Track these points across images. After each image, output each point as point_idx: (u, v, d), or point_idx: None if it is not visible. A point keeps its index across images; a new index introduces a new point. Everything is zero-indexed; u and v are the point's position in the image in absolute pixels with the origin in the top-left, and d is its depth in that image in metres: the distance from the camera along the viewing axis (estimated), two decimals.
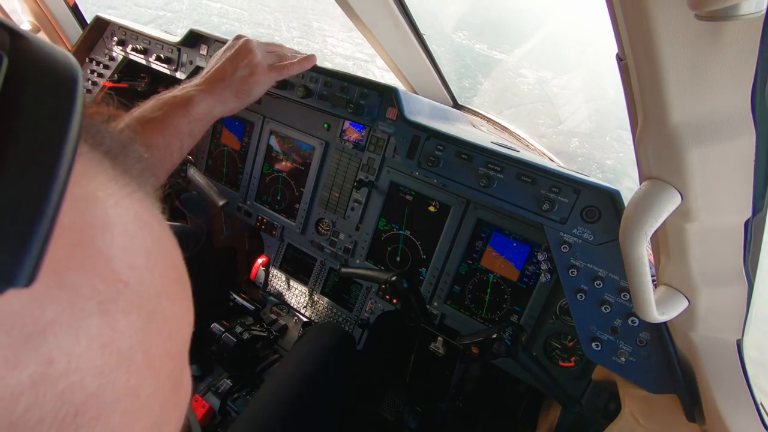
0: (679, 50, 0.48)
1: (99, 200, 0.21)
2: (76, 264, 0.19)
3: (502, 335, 1.16)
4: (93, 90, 1.96)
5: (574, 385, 1.47)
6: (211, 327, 1.64)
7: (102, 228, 0.21)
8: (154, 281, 0.23)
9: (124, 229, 0.22)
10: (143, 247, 0.23)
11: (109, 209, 0.21)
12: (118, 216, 0.22)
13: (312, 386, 1.38)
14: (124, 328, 0.20)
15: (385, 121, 1.46)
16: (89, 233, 0.20)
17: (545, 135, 13.49)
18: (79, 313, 0.18)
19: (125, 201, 0.23)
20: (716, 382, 0.94)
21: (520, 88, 20.95)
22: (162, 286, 0.24)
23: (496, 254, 1.58)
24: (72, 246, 0.19)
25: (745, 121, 0.52)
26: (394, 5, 1.50)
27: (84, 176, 0.21)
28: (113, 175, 0.23)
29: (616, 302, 1.14)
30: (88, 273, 0.19)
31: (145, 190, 0.26)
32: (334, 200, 1.87)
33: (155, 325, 0.22)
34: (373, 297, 1.86)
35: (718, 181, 0.60)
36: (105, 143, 0.24)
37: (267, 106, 2.00)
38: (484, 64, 23.09)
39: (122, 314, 0.20)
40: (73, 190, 0.19)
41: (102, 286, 0.19)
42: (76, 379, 0.18)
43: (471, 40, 26.58)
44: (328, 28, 19.13)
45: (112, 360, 0.20)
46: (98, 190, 0.21)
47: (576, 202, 1.17)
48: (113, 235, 0.21)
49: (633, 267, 0.69)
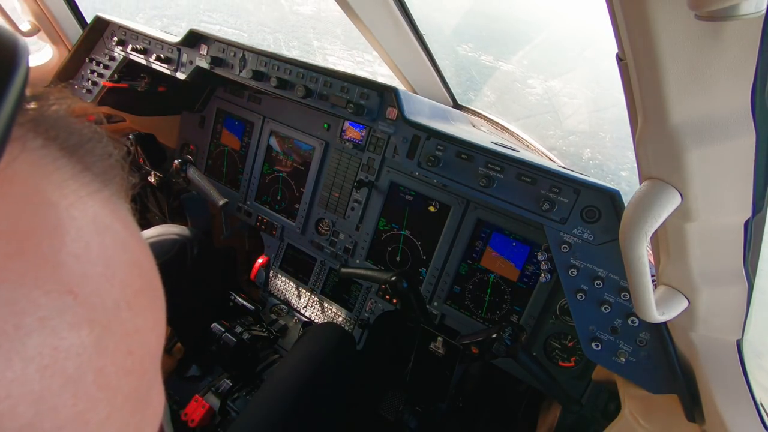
0: (679, 50, 0.48)
1: (49, 202, 0.19)
2: (12, 275, 0.17)
3: (502, 335, 1.16)
4: (93, 90, 1.96)
5: (574, 385, 1.47)
6: (211, 327, 1.64)
7: (50, 233, 0.18)
8: (113, 291, 0.21)
9: (77, 235, 0.20)
10: (101, 253, 0.21)
11: (62, 212, 0.19)
12: (71, 219, 0.20)
13: (312, 386, 1.38)
14: (70, 345, 0.18)
15: (385, 121, 1.46)
16: (32, 240, 0.18)
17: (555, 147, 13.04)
18: (14, 332, 0.16)
19: (83, 202, 0.21)
20: (716, 382, 0.94)
21: (528, 99, 20.52)
22: (122, 296, 0.21)
23: (496, 254, 1.58)
24: (8, 255, 0.17)
25: (745, 121, 0.52)
26: (394, 5, 1.50)
27: (32, 174, 0.19)
28: (71, 174, 0.21)
29: (616, 302, 1.14)
30: (27, 285, 0.17)
31: (111, 189, 0.24)
32: (334, 200, 1.87)
33: (111, 341, 0.20)
34: (373, 297, 1.86)
35: (718, 181, 0.60)
36: (61, 137, 0.22)
37: (267, 106, 2.00)
38: (491, 76, 22.82)
39: (69, 330, 0.18)
40: (14, 190, 0.18)
41: (44, 300, 0.17)
42: (5, 408, 0.16)
43: (476, 52, 26.27)
44: (329, 46, 19.01)
45: (55, 383, 0.17)
46: (49, 190, 0.19)
47: (576, 202, 1.17)
48: (63, 242, 0.19)
49: (633, 267, 0.69)
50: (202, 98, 2.15)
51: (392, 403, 1.75)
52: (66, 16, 2.07)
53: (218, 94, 2.13)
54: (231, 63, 1.65)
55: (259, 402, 1.32)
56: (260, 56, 1.58)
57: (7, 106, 0.16)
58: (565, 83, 24.33)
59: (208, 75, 1.74)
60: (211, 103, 2.15)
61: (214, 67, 1.66)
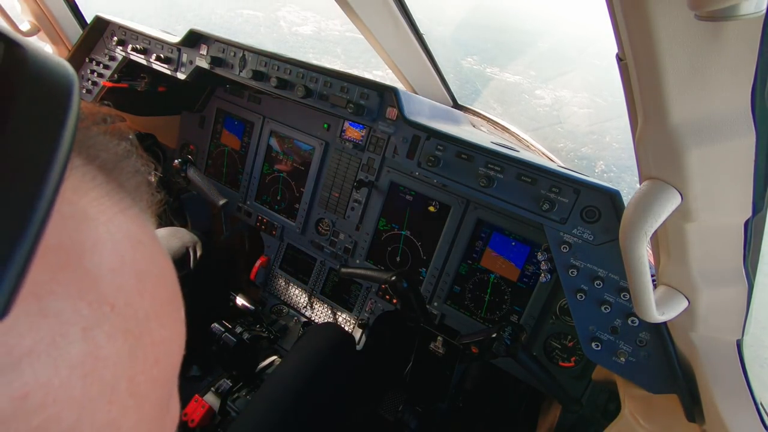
0: (679, 50, 0.48)
1: (89, 218, 0.20)
2: (60, 288, 0.17)
3: (502, 334, 1.16)
4: (93, 90, 1.96)
5: (574, 385, 1.47)
6: (211, 327, 1.64)
7: (91, 248, 0.19)
8: (144, 303, 0.22)
9: (114, 249, 0.21)
10: (134, 267, 0.22)
11: (100, 227, 0.20)
12: (109, 234, 0.21)
13: (312, 386, 1.38)
14: (108, 354, 0.19)
15: (385, 121, 1.46)
16: (76, 254, 0.19)
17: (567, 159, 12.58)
18: (61, 340, 0.17)
19: (117, 218, 0.22)
20: (716, 382, 0.94)
21: (536, 110, 19.93)
22: (152, 308, 0.22)
23: (496, 254, 1.58)
24: (57, 268, 0.18)
25: (745, 121, 0.52)
26: (394, 5, 1.50)
27: (75, 192, 0.20)
28: (107, 191, 0.22)
29: (616, 302, 1.14)
30: (72, 297, 0.18)
31: (140, 205, 0.25)
32: (334, 200, 1.87)
33: (142, 351, 0.21)
34: (373, 297, 1.86)
35: (718, 181, 0.60)
36: (100, 156, 0.23)
37: (267, 106, 2.00)
38: (497, 88, 22.34)
39: (107, 340, 0.19)
40: (62, 208, 0.19)
41: (87, 311, 0.18)
42: (53, 413, 0.17)
43: (481, 64, 25.79)
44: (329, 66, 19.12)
45: (94, 390, 0.18)
46: (89, 206, 0.20)
47: (576, 202, 1.17)
48: (102, 256, 0.20)
49: (633, 267, 0.69)
50: (202, 98, 2.15)
51: (392, 403, 1.75)
52: (66, 16, 2.07)
53: (218, 94, 2.13)
54: (231, 63, 1.65)
55: (259, 402, 1.32)
56: (260, 56, 1.58)
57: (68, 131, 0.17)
58: (574, 92, 23.79)
59: (208, 75, 1.74)
60: (211, 103, 2.15)
61: (214, 67, 1.66)
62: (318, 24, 26.49)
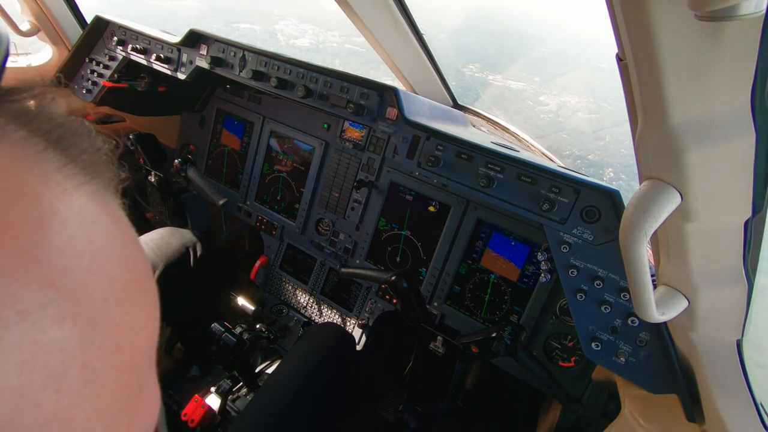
0: (679, 50, 0.48)
1: (30, 193, 0.19)
2: None
3: (502, 334, 1.16)
4: (93, 90, 1.96)
5: (574, 385, 1.47)
6: (211, 327, 1.64)
7: (30, 225, 0.18)
8: (99, 285, 0.20)
9: (61, 227, 0.19)
10: (87, 247, 0.20)
11: (44, 204, 0.19)
12: (55, 212, 0.19)
13: (312, 386, 1.37)
14: (52, 340, 0.18)
15: (385, 121, 1.46)
16: (12, 231, 0.17)
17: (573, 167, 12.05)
18: None
19: (67, 194, 0.20)
20: (716, 382, 0.94)
21: (541, 117, 19.48)
22: (110, 291, 0.21)
23: (496, 254, 1.58)
24: None
25: (745, 121, 0.52)
26: (394, 5, 1.50)
27: (12, 165, 0.19)
28: (56, 166, 0.21)
29: (616, 302, 1.14)
30: (4, 277, 0.17)
31: (98, 182, 0.23)
32: (334, 200, 1.87)
33: (98, 336, 0.20)
34: (373, 297, 1.86)
35: (717, 181, 0.60)
36: (44, 129, 0.21)
37: (267, 106, 2.00)
38: (500, 96, 21.97)
39: (52, 324, 0.18)
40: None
41: (23, 293, 0.17)
42: None
43: (483, 72, 25.58)
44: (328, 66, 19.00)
45: (36, 378, 0.17)
46: (32, 181, 0.19)
47: (576, 202, 1.17)
48: (45, 234, 0.18)
49: (633, 267, 0.69)
50: (202, 98, 2.15)
51: (392, 403, 1.75)
52: (66, 16, 2.07)
53: (218, 94, 2.13)
54: (231, 63, 1.65)
55: (259, 402, 1.32)
56: (260, 56, 1.58)
57: None
58: (579, 97, 23.37)
59: (208, 75, 1.74)
60: (211, 103, 2.15)
61: (214, 67, 1.66)
62: (316, 36, 26.37)
